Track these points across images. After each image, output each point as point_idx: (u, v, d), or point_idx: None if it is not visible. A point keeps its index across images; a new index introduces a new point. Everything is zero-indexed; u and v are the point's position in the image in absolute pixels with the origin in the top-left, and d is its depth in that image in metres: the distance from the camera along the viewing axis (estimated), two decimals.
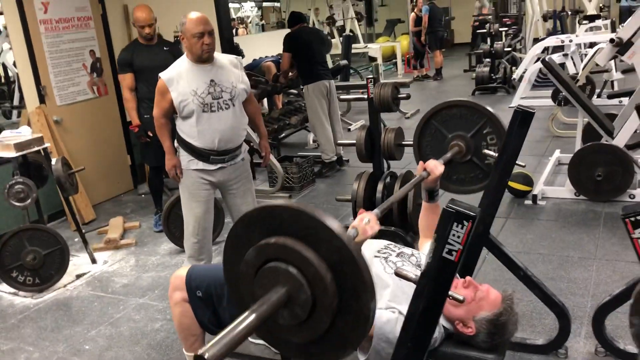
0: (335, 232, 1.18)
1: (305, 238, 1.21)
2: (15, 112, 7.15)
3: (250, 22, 14.06)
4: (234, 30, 12.90)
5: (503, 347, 1.86)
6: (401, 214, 3.29)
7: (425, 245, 2.19)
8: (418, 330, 1.49)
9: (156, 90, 2.96)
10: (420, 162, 2.16)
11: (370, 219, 1.58)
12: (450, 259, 1.36)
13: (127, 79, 4.16)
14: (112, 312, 3.32)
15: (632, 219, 1.67)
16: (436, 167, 2.12)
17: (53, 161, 3.81)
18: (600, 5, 11.58)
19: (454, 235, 1.34)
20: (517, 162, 2.35)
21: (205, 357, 0.98)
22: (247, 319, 1.12)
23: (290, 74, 5.85)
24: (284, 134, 6.46)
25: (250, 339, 2.81)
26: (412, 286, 1.53)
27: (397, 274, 1.48)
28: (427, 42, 11.37)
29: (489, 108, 2.59)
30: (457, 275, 2.09)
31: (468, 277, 1.93)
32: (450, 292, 1.44)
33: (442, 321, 1.86)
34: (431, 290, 1.42)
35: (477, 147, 2.52)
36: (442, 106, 2.69)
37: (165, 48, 4.26)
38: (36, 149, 3.75)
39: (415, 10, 11.64)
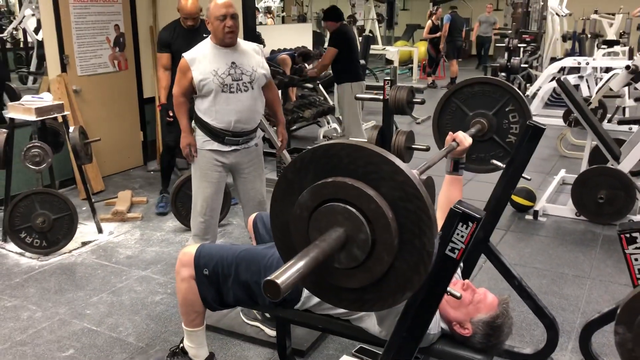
0: (398, 166, 1.14)
1: (364, 176, 1.17)
2: (30, 78, 7.25)
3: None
4: (264, 19, 13.00)
5: (497, 349, 1.93)
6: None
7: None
8: (414, 322, 1.56)
9: (178, 68, 3.04)
10: (450, 133, 2.20)
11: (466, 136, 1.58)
12: (452, 256, 1.44)
13: (163, 59, 4.21)
14: (114, 281, 3.40)
15: (628, 235, 1.75)
16: (465, 138, 2.18)
17: (70, 129, 3.90)
18: (621, 31, 11.62)
19: (458, 234, 1.41)
20: (523, 175, 2.42)
21: (278, 282, 1.00)
22: (309, 252, 1.09)
23: (316, 70, 5.91)
24: (295, 127, 6.53)
25: (245, 319, 2.89)
26: None
27: None
28: (444, 51, 11.41)
29: (512, 85, 2.57)
30: (459, 276, 2.18)
31: (467, 280, 2.01)
32: (448, 289, 1.52)
33: (439, 321, 1.94)
34: (431, 284, 1.49)
35: (499, 125, 2.52)
36: (464, 83, 2.65)
37: (205, 35, 4.26)
38: (56, 115, 3.84)
39: (433, 18, 11.67)
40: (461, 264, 2.40)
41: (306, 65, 6.30)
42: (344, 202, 1.18)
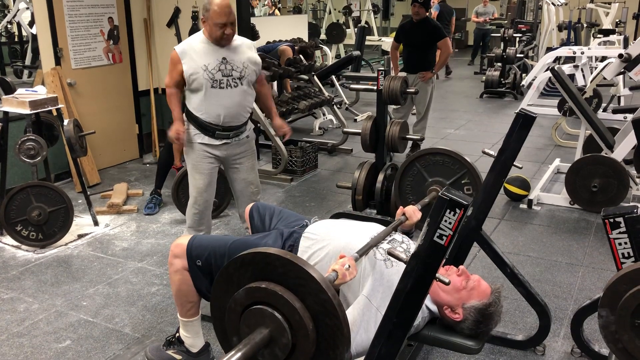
0: (322, 286, 1.30)
1: (294, 287, 1.33)
2: (26, 71, 7.23)
3: (266, 4, 14.07)
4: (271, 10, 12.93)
5: (484, 336, 1.96)
6: (397, 206, 3.39)
7: None
8: (404, 307, 1.58)
9: (170, 60, 3.05)
10: (400, 207, 2.27)
11: (350, 265, 1.65)
12: (440, 243, 1.46)
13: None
14: (110, 273, 3.42)
15: (611, 220, 1.78)
16: (414, 213, 2.23)
17: (65, 122, 3.90)
18: (617, 20, 11.61)
19: (445, 221, 1.43)
20: (514, 163, 2.44)
21: None
22: (233, 356, 1.27)
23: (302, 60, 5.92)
24: (291, 118, 6.54)
25: None
26: (395, 278, 1.66)
27: (390, 254, 1.58)
28: None
29: (469, 160, 2.89)
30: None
31: (462, 266, 2.03)
32: (437, 275, 1.53)
33: (427, 303, 1.96)
34: (420, 271, 1.51)
35: None
36: (427, 151, 2.99)
37: None
38: (50, 108, 3.84)
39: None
40: None
41: (301, 57, 6.29)
42: (272, 308, 1.34)
